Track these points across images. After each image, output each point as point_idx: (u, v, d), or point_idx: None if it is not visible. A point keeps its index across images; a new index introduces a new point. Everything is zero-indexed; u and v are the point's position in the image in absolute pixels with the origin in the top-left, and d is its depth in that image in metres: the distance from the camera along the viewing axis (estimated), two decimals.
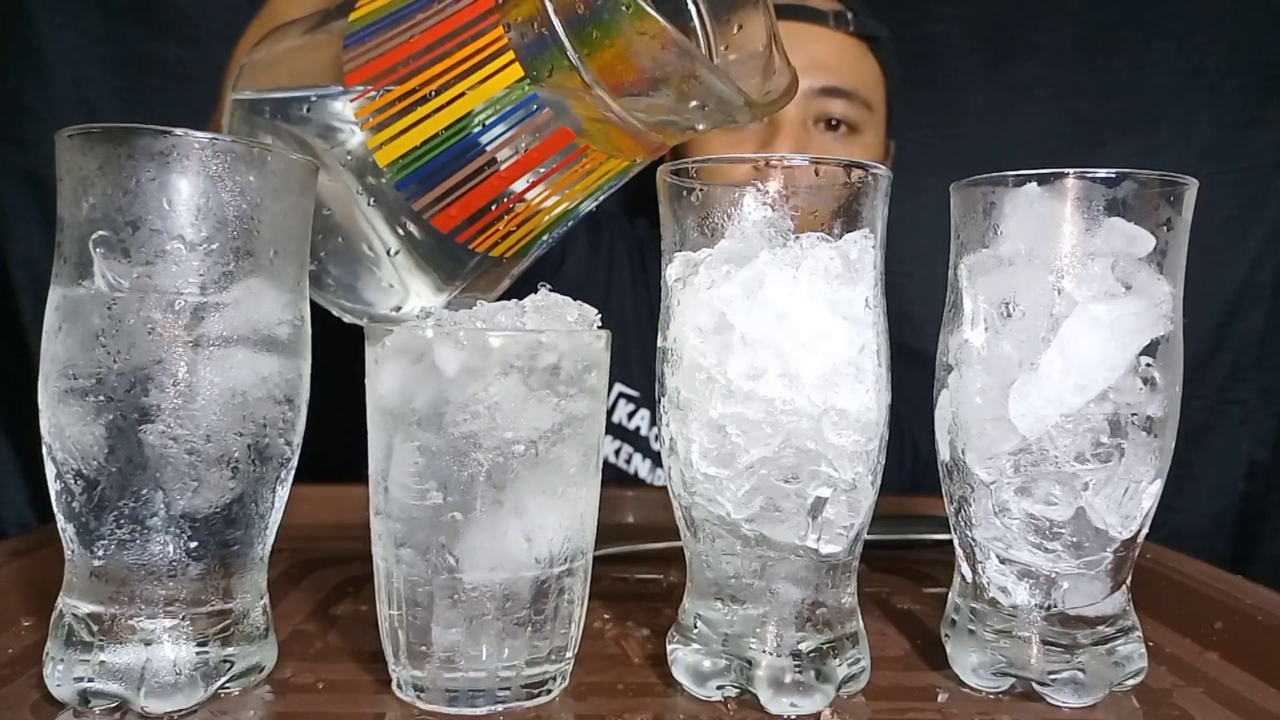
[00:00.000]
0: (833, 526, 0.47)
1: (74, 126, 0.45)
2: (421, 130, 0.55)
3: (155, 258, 0.44)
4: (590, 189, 0.60)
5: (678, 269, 0.50)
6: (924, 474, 1.14)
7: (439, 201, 0.57)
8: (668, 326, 0.50)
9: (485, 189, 0.57)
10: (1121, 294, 0.47)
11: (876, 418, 0.48)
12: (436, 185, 0.57)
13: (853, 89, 1.04)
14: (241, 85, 0.63)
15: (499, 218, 0.59)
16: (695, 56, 0.50)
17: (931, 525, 0.75)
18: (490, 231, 0.59)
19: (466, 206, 0.57)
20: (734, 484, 0.47)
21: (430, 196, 0.57)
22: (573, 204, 0.61)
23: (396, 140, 0.56)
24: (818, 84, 1.01)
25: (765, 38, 0.59)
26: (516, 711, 0.47)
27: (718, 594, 0.49)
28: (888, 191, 0.49)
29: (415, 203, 0.57)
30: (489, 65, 0.54)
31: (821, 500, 0.47)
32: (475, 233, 0.59)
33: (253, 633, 0.49)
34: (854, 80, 1.04)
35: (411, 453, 0.46)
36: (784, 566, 0.48)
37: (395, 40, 0.56)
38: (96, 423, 0.44)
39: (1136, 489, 0.48)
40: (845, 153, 1.04)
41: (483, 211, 0.58)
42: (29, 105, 1.18)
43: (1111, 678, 0.49)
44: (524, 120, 0.55)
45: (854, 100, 1.04)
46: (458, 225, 0.58)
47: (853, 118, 1.04)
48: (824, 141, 1.04)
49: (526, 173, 0.57)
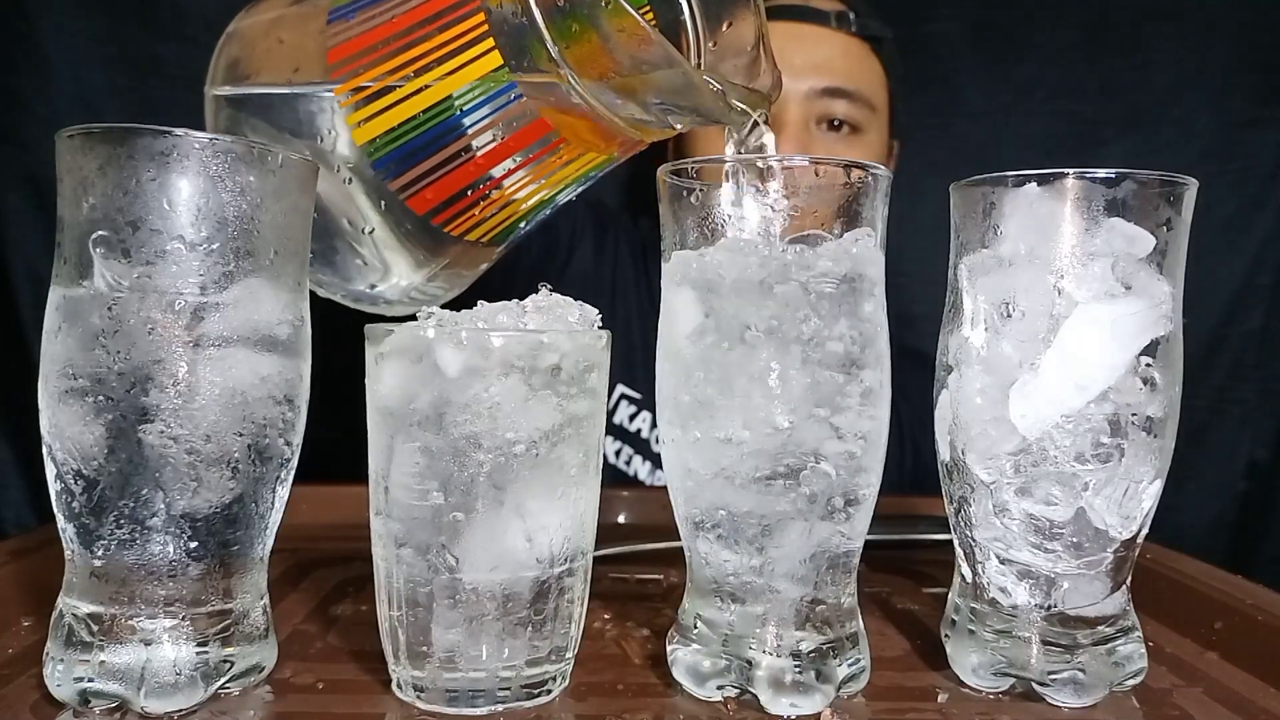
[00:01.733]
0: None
1: (74, 126, 0.45)
2: (400, 111, 0.55)
3: (155, 258, 0.44)
4: (568, 180, 0.60)
5: (673, 270, 0.50)
6: (924, 474, 1.14)
7: (415, 183, 0.57)
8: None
9: (462, 174, 0.57)
10: (1121, 294, 0.47)
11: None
12: (413, 167, 0.57)
13: (855, 89, 1.04)
14: (226, 55, 0.63)
15: (475, 203, 0.59)
16: (673, 56, 0.50)
17: (931, 525, 0.75)
18: (466, 216, 0.59)
19: (443, 190, 0.57)
20: (734, 482, 0.47)
21: (407, 178, 0.57)
22: (550, 193, 0.61)
23: (375, 119, 0.56)
24: (820, 84, 1.02)
25: (754, 38, 0.59)
26: (516, 711, 0.47)
27: (718, 594, 0.49)
28: (888, 192, 0.49)
29: (392, 183, 0.57)
30: (469, 51, 0.54)
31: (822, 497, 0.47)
32: (451, 216, 0.59)
33: (253, 633, 0.49)
34: (857, 80, 1.04)
35: (412, 453, 0.46)
36: (784, 565, 0.47)
37: (378, 19, 0.56)
38: (96, 423, 0.44)
39: (1136, 489, 0.48)
40: (848, 153, 1.04)
41: (459, 196, 0.58)
42: (29, 105, 1.18)
43: (1111, 678, 0.49)
44: (502, 108, 0.55)
45: (856, 101, 1.04)
46: (434, 208, 0.58)
47: (855, 118, 1.04)
48: (827, 142, 1.04)
49: (504, 160, 0.57)
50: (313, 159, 0.51)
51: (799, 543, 0.47)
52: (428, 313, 0.48)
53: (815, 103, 1.02)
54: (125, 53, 1.20)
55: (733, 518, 0.47)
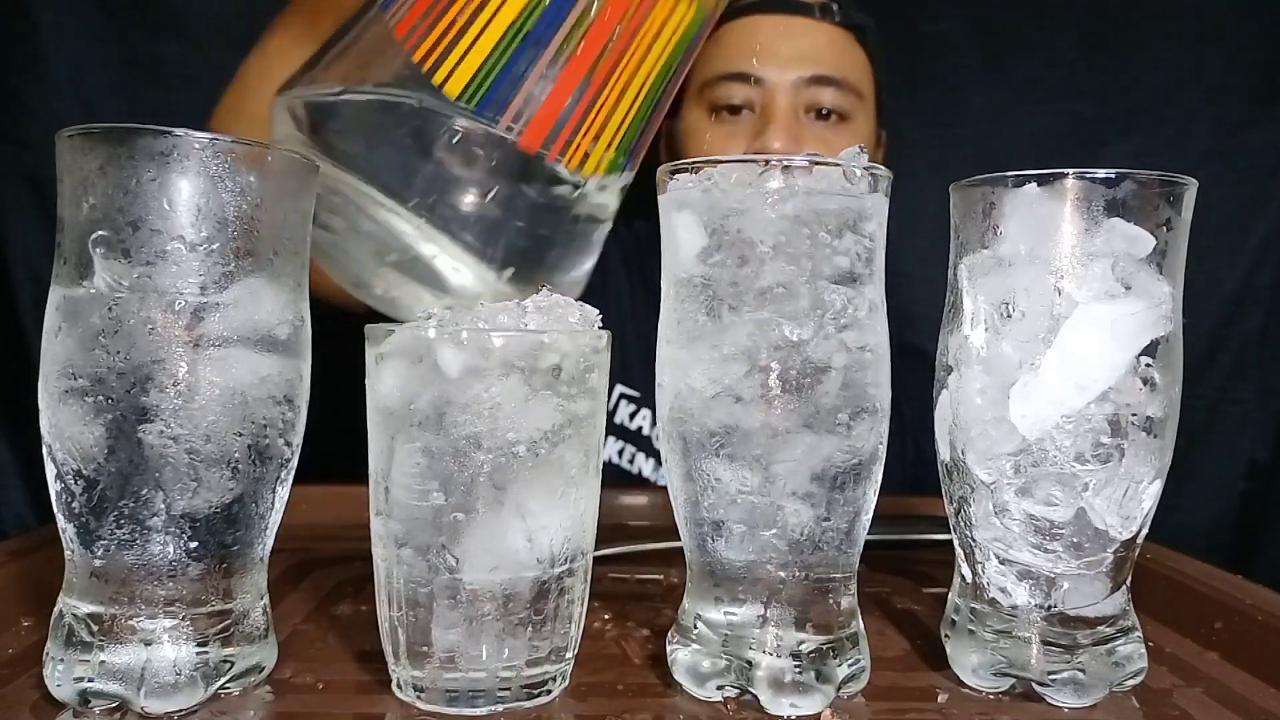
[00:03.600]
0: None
1: (74, 126, 0.45)
2: (479, 49, 0.55)
3: (155, 258, 0.44)
4: (662, 59, 0.59)
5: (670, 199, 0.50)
6: (925, 473, 1.14)
7: (519, 117, 0.56)
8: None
9: (561, 88, 0.56)
10: (1122, 294, 0.47)
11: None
12: (512, 98, 0.56)
13: (842, 78, 1.05)
14: (300, 89, 0.62)
15: (583, 118, 0.58)
16: None
17: (931, 525, 0.75)
18: (579, 136, 0.58)
19: (548, 113, 0.57)
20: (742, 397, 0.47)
21: (510, 113, 0.56)
22: (652, 83, 0.59)
23: (459, 67, 0.56)
24: (806, 73, 1.03)
25: None
26: (516, 712, 0.47)
27: (718, 594, 0.49)
28: (888, 191, 0.49)
29: (499, 124, 0.56)
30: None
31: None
32: (563, 145, 0.58)
33: (253, 633, 0.49)
34: (842, 69, 1.05)
35: (413, 453, 0.46)
36: (791, 481, 0.47)
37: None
38: (96, 423, 0.44)
39: (1137, 489, 0.48)
40: (837, 141, 1.05)
41: (566, 114, 0.57)
42: (29, 105, 1.18)
43: (1111, 678, 0.49)
44: (572, 3, 0.55)
45: (843, 89, 1.05)
46: (545, 138, 0.58)
47: (843, 106, 1.05)
48: (816, 130, 1.05)
49: (596, 54, 0.56)
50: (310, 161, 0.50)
51: (806, 458, 0.47)
52: (428, 313, 0.47)
53: (803, 92, 1.04)
54: (125, 53, 1.20)
55: (739, 433, 0.47)
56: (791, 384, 0.47)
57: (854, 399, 0.47)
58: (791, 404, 0.47)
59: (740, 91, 1.05)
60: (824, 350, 0.47)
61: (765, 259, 0.46)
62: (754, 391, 0.47)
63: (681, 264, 0.49)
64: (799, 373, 0.47)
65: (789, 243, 0.46)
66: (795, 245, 0.46)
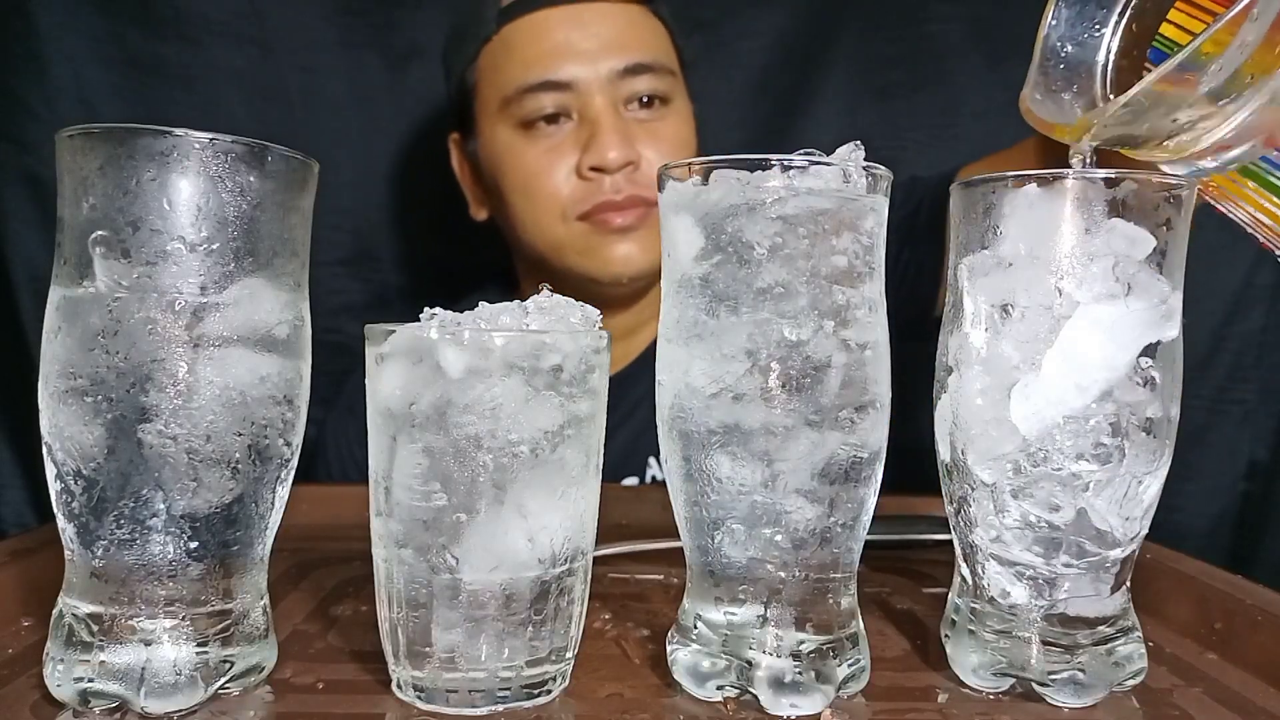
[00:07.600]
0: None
1: (74, 126, 0.45)
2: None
3: (155, 258, 0.44)
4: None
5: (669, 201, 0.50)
6: None
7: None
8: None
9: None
10: (1122, 295, 0.47)
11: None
12: None
13: (654, 60, 0.99)
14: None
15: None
16: None
17: (931, 525, 0.75)
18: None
19: None
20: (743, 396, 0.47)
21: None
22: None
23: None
24: (620, 64, 0.97)
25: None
26: (516, 712, 0.47)
27: (718, 593, 0.49)
28: (887, 191, 0.49)
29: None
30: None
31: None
32: None
33: (253, 633, 0.49)
34: (653, 50, 1.00)
35: (415, 454, 0.46)
36: (795, 478, 0.47)
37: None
38: (96, 423, 0.44)
39: (1137, 489, 0.48)
40: (662, 127, 1.00)
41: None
42: (29, 105, 1.18)
43: (1111, 678, 0.49)
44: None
45: (658, 71, 1.00)
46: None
47: (661, 90, 1.00)
48: (642, 119, 1.00)
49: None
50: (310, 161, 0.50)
51: (809, 455, 0.47)
52: (429, 314, 0.47)
53: (619, 85, 0.98)
54: (125, 53, 1.20)
55: (740, 432, 0.47)
56: (792, 382, 0.47)
57: (855, 396, 0.47)
58: (792, 402, 0.47)
59: (551, 99, 0.97)
60: (824, 349, 0.47)
61: (763, 260, 0.46)
62: (754, 389, 0.47)
63: (681, 264, 0.49)
64: (799, 371, 0.47)
65: (786, 244, 0.46)
66: (793, 246, 0.46)
